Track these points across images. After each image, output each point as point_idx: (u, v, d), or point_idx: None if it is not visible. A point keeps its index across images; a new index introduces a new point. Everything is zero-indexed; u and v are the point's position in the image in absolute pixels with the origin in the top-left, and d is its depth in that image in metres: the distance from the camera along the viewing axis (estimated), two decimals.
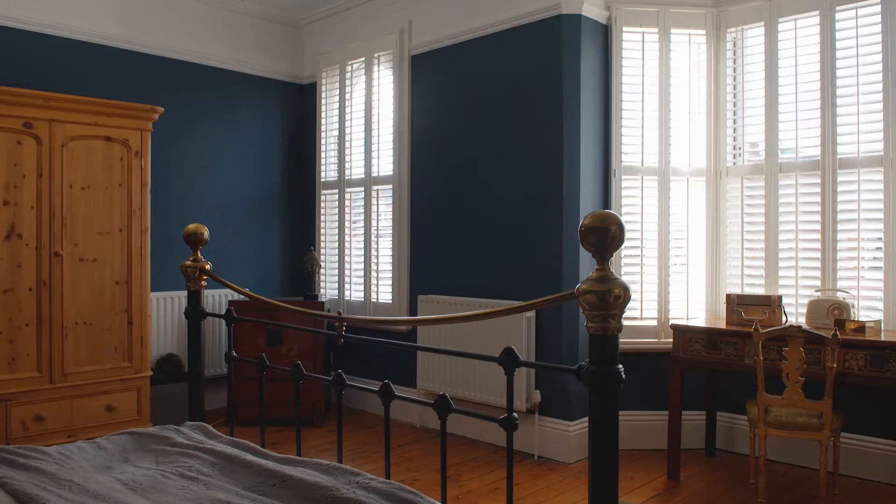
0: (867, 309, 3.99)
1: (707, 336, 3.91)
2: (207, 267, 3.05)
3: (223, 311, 5.15)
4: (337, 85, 5.79)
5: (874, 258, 3.98)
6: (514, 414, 1.84)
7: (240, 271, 5.71)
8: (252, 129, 5.85)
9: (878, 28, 3.95)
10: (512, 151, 4.61)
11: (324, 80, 5.89)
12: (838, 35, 4.10)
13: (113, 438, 2.62)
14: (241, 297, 5.35)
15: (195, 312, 3.05)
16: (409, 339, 5.11)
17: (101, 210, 4.38)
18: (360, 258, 5.58)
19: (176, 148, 5.36)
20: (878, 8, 3.95)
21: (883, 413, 3.93)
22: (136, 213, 4.50)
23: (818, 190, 4.15)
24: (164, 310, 5.23)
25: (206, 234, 3.04)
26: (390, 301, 5.34)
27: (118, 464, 2.41)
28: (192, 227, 3.02)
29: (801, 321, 4.00)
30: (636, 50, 4.53)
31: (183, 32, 5.40)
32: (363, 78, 5.60)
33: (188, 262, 3.04)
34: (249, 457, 2.36)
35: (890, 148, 3.90)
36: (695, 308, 4.56)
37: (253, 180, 5.85)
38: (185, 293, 4.21)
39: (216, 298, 5.49)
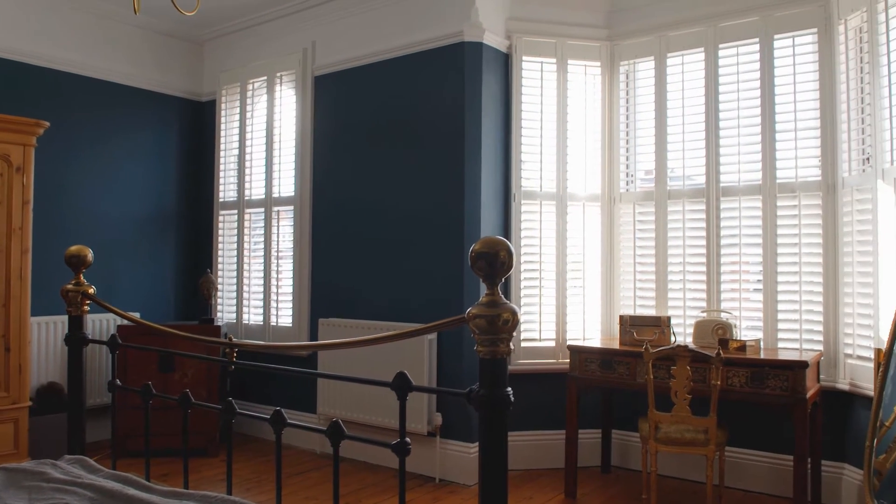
0: (749, 329, 4.22)
1: (602, 356, 4.03)
2: (91, 291, 2.90)
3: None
4: (238, 103, 5.67)
5: (757, 280, 4.22)
6: (408, 439, 1.83)
7: (132, 294, 5.46)
8: (147, 146, 5.63)
9: (757, 65, 4.23)
10: (414, 174, 4.64)
11: (224, 98, 5.75)
12: (721, 71, 4.36)
13: None
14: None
15: (76, 339, 2.89)
16: (310, 363, 5.02)
17: None
18: (260, 281, 5.45)
19: (63, 164, 5.09)
20: (756, 47, 4.24)
21: (763, 427, 4.16)
22: (17, 233, 4.23)
23: (703, 216, 4.38)
24: (47, 335, 4.92)
25: (90, 256, 2.89)
26: (290, 325, 5.23)
27: None
28: (74, 248, 2.87)
29: (689, 341, 4.18)
30: (535, 79, 4.67)
31: (72, 44, 5.16)
32: (265, 97, 5.51)
33: (69, 286, 2.88)
34: (132, 491, 2.24)
35: (767, 177, 4.17)
36: (591, 329, 4.69)
37: (147, 199, 5.63)
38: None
39: (105, 323, 5.22)
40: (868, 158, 3.74)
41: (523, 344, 4.56)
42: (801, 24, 4.11)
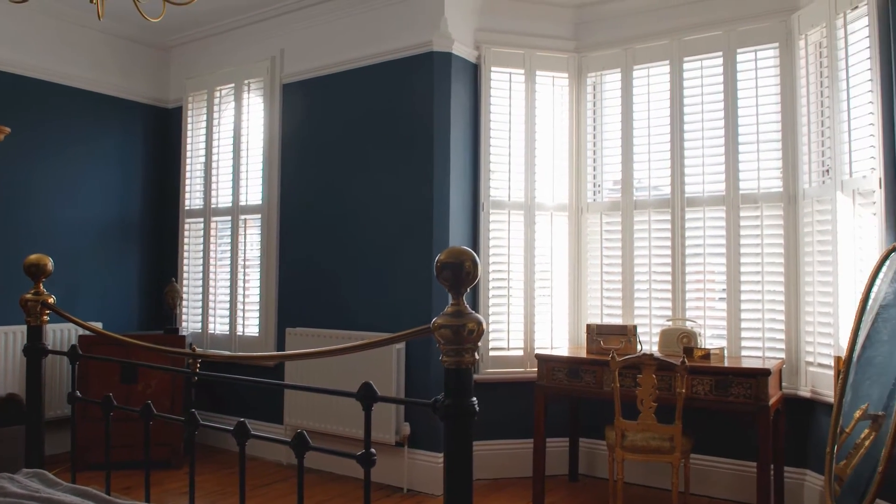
0: (713, 337, 4.28)
1: (569, 365, 4.05)
2: (51, 300, 2.84)
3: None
4: (204, 110, 5.62)
5: (722, 289, 4.28)
6: (373, 450, 1.82)
7: (94, 303, 5.36)
8: (111, 153, 5.54)
9: (721, 79, 4.31)
10: (383, 184, 4.63)
11: (190, 105, 5.69)
12: (686, 84, 4.44)
13: None
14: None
15: (35, 350, 2.82)
16: (277, 373, 4.97)
17: None
18: (226, 290, 5.39)
19: (24, 171, 4.98)
20: (720, 60, 4.32)
21: (727, 434, 4.21)
22: None
23: (669, 226, 4.44)
24: (5, 346, 4.81)
25: (50, 264, 2.83)
26: (257, 334, 5.18)
27: None
28: (33, 257, 2.81)
29: (655, 349, 4.23)
30: (504, 89, 4.70)
31: (34, 48, 5.06)
32: (232, 104, 5.46)
33: (28, 296, 2.82)
34: None
35: (730, 188, 4.24)
36: (559, 338, 4.72)
37: (111, 207, 5.53)
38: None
39: (66, 333, 5.11)
40: (828, 170, 3.83)
41: (491, 353, 4.57)
42: (763, 38, 4.20)
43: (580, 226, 4.78)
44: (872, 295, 3.32)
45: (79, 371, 4.56)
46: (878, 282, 3.30)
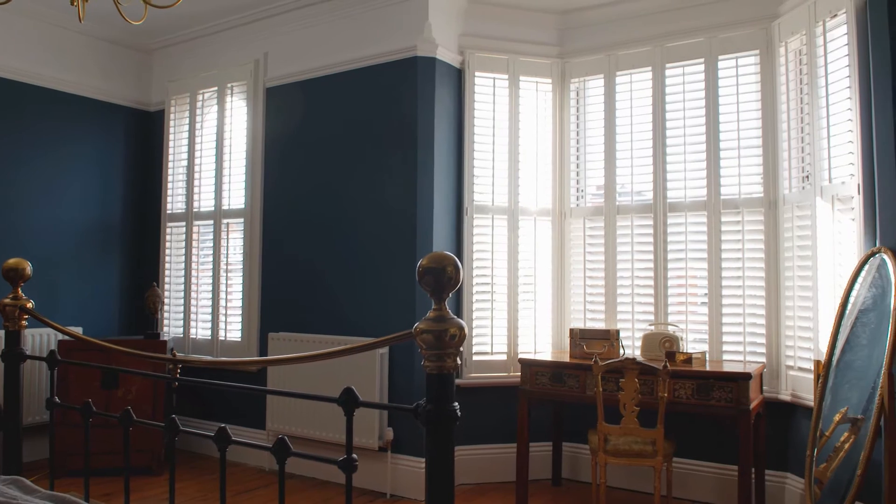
0: (695, 341, 4.31)
1: (552, 369, 4.06)
2: (29, 305, 2.81)
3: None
4: (187, 114, 5.58)
5: (703, 294, 4.31)
6: (354, 455, 1.81)
7: (74, 308, 5.30)
8: (91, 156, 5.49)
9: (703, 85, 4.35)
10: (367, 188, 4.63)
11: (173, 108, 5.66)
12: (668, 90, 4.47)
13: None
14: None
15: (13, 355, 2.79)
16: (259, 379, 4.94)
17: None
18: (209, 294, 5.35)
19: (2, 173, 4.93)
20: (702, 67, 4.36)
21: (709, 438, 4.24)
22: None
23: (651, 231, 4.46)
24: None
25: (29, 269, 2.80)
26: (239, 339, 5.14)
27: None
28: (12, 261, 2.78)
29: (637, 353, 4.25)
30: (487, 94, 4.71)
31: (14, 50, 5.01)
32: (215, 107, 5.43)
33: (7, 300, 2.79)
34: None
35: (712, 194, 4.28)
36: (542, 342, 4.73)
37: (92, 211, 5.48)
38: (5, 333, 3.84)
39: (45, 338, 5.05)
40: (807, 176, 3.87)
41: (475, 357, 4.57)
42: (744, 45, 4.25)
43: (563, 230, 4.80)
44: (851, 299, 3.36)
45: (58, 376, 4.53)
46: (856, 286, 3.34)
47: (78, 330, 5.13)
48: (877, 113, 3.24)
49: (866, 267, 3.31)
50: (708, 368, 3.78)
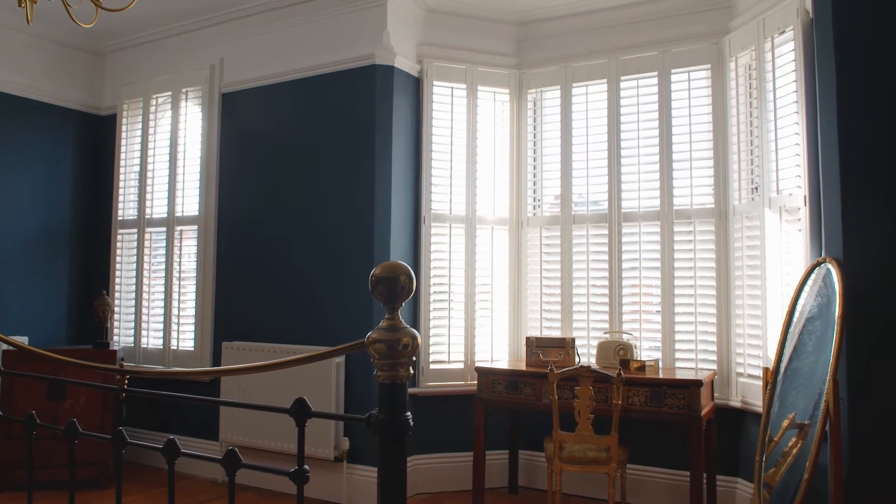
0: (649, 349, 4.37)
1: (509, 377, 4.08)
2: None
3: None
4: (140, 118, 5.47)
5: (657, 302, 4.38)
6: (306, 466, 1.78)
7: (20, 317, 5.14)
8: (38, 160, 5.34)
9: (656, 97, 4.43)
10: (324, 196, 4.59)
11: (125, 113, 5.54)
12: (623, 102, 4.54)
13: None
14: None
15: None
16: (213, 389, 4.85)
17: None
18: (161, 303, 5.24)
19: None
20: (655, 80, 4.44)
21: (662, 444, 4.30)
22: None
23: (606, 240, 4.52)
24: None
25: None
26: (192, 348, 5.05)
27: None
28: None
29: (593, 361, 4.29)
30: (446, 103, 4.72)
31: None
32: (169, 113, 5.34)
33: None
34: None
35: (665, 204, 4.36)
36: (499, 350, 4.74)
37: (38, 216, 5.33)
38: None
39: None
40: (756, 187, 3.97)
41: (432, 366, 4.56)
42: (695, 59, 4.34)
43: (520, 239, 4.83)
44: (798, 308, 3.44)
45: (2, 387, 4.38)
46: (803, 295, 3.42)
47: (23, 339, 4.97)
48: (822, 127, 3.34)
49: (812, 276, 3.40)
50: (661, 376, 3.84)
